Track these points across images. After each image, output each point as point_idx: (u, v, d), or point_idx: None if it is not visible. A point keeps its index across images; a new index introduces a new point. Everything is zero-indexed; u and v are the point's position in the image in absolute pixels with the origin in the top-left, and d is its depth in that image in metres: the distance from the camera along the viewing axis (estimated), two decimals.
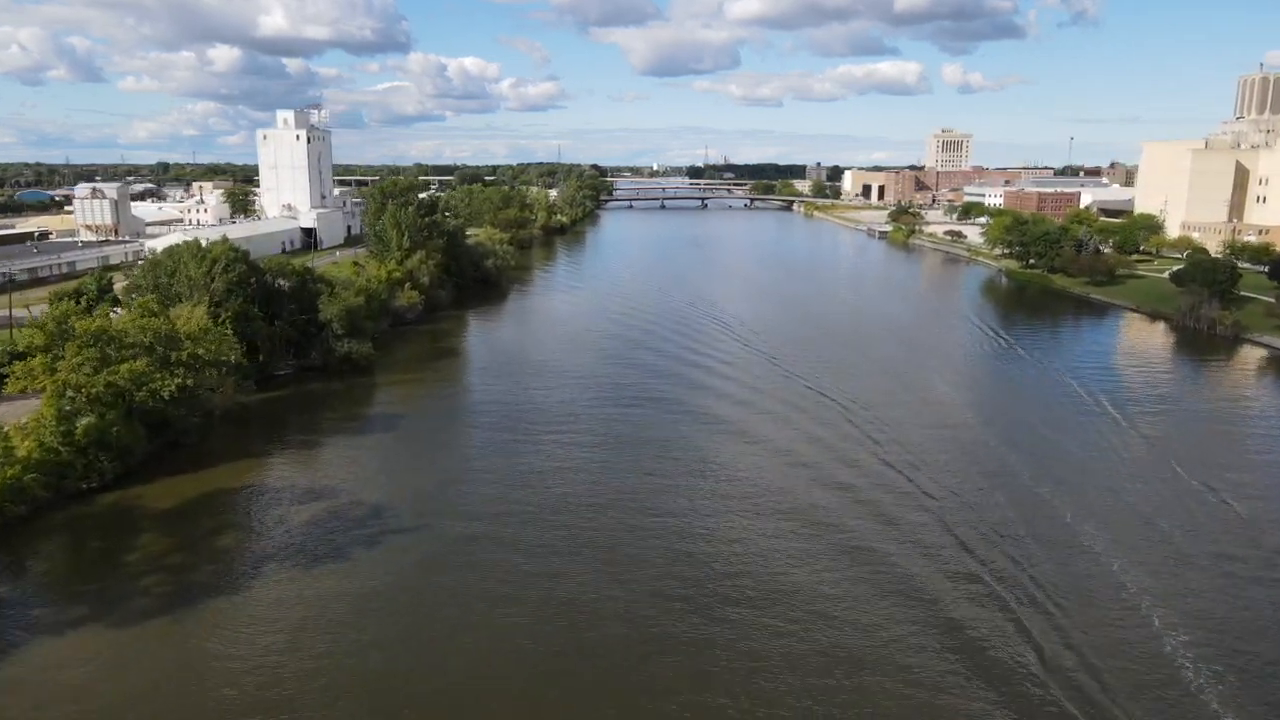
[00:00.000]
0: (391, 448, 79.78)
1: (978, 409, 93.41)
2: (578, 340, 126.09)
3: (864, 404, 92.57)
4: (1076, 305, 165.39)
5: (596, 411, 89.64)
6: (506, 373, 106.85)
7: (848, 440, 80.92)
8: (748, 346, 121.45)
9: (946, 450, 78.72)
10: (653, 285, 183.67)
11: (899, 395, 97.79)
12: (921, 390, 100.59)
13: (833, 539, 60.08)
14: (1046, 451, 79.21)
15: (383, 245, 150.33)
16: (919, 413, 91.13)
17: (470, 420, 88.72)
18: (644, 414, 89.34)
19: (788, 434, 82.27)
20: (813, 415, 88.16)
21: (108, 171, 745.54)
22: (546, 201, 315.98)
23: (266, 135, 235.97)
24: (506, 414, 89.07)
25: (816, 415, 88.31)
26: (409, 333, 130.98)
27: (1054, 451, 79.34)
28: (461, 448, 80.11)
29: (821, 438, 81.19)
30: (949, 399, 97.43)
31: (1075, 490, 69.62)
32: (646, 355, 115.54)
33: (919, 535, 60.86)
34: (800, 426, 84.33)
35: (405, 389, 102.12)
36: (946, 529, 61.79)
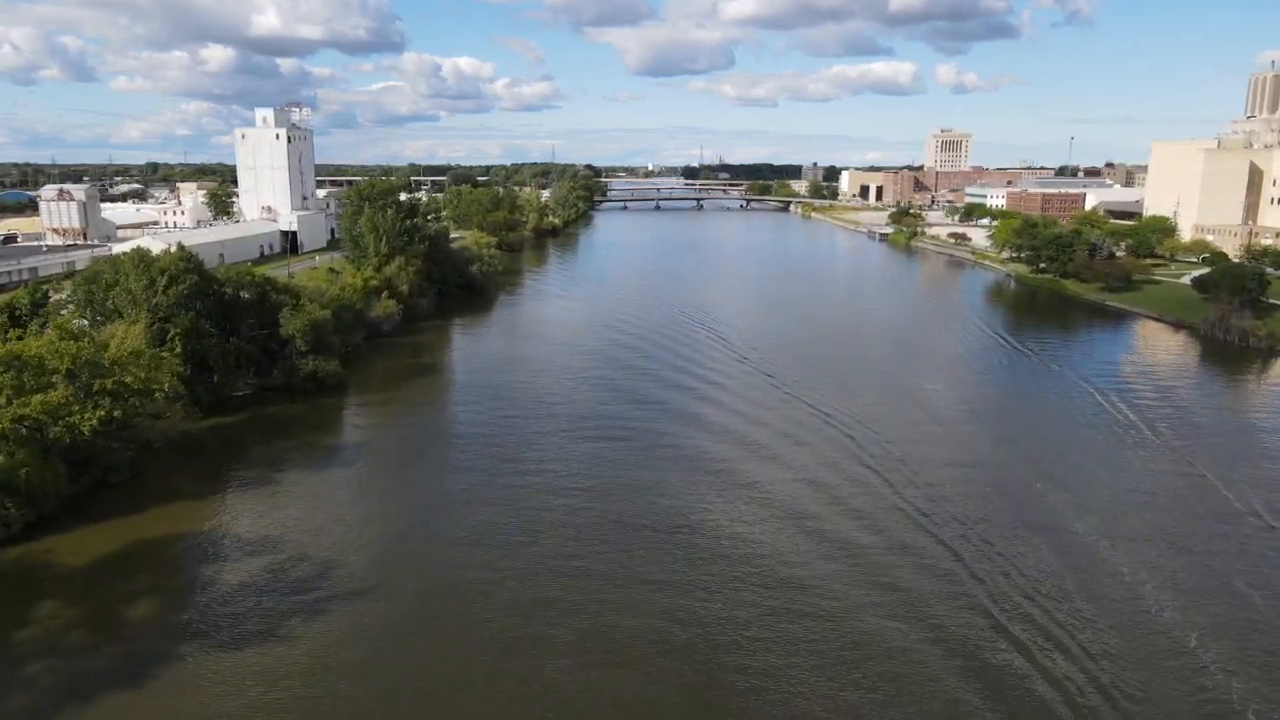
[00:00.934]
0: (352, 485, 70.86)
1: (1002, 435, 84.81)
2: (564, 356, 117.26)
3: (874, 431, 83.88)
4: (1092, 313, 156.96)
5: (581, 448, 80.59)
6: (486, 395, 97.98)
7: (856, 483, 71.76)
8: (745, 362, 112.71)
9: (972, 488, 70.08)
10: (647, 292, 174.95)
11: (912, 418, 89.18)
12: (936, 411, 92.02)
13: (845, 626, 50.86)
14: (1087, 486, 70.63)
15: (360, 251, 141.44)
16: (935, 440, 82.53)
17: (442, 455, 79.78)
18: (632, 451, 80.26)
19: (787, 477, 72.79)
20: (816, 449, 79.01)
21: (96, 171, 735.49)
22: (538, 203, 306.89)
23: (245, 135, 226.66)
24: (483, 448, 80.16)
25: (821, 449, 79.22)
26: (385, 346, 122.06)
27: (1095, 486, 70.76)
28: (431, 489, 71.13)
29: (826, 482, 71.69)
30: (969, 423, 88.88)
31: (1127, 536, 61.10)
32: (637, 376, 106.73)
33: (949, 615, 52.15)
34: (802, 465, 74.89)
35: (374, 413, 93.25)
36: (980, 599, 53.06)
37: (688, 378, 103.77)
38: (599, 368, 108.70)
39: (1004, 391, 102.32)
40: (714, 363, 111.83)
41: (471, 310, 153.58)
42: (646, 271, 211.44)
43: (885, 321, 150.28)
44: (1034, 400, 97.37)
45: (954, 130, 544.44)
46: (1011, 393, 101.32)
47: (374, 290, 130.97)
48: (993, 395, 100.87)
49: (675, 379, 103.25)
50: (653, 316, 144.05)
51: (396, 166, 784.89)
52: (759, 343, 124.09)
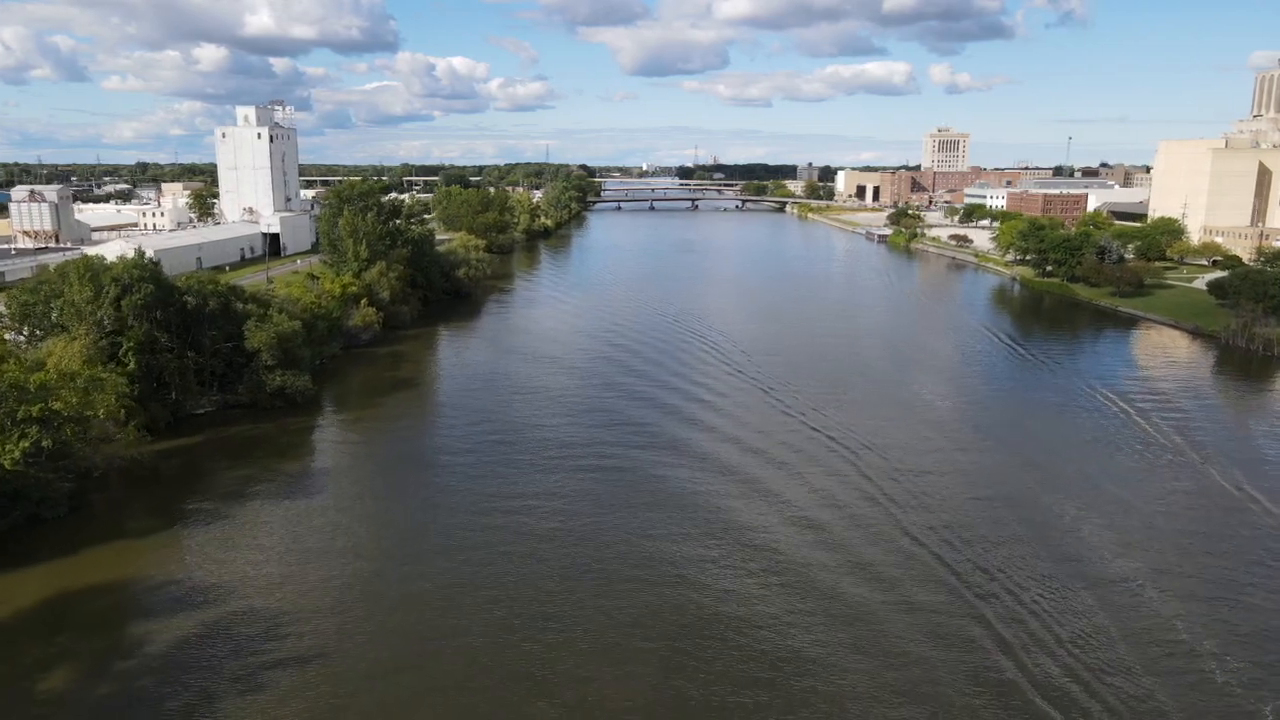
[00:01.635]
0: (316, 524, 63.99)
1: (1025, 460, 78.33)
2: (552, 370, 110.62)
3: (883, 456, 77.45)
4: (1104, 319, 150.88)
5: (568, 482, 73.83)
6: (468, 415, 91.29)
7: (864, 523, 65.17)
8: (741, 374, 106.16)
9: (997, 526, 63.61)
10: (640, 298, 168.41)
11: (924, 440, 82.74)
12: (950, 431, 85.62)
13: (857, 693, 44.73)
14: (1126, 520, 64.21)
15: (338, 256, 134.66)
16: (951, 466, 76.08)
17: (418, 486, 73.01)
18: (622, 486, 73.52)
19: (786, 518, 66.07)
20: (819, 482, 71.99)
21: (85, 171, 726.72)
22: (529, 204, 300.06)
23: (225, 134, 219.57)
24: (463, 479, 73.51)
25: (824, 481, 72.32)
26: (363, 357, 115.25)
27: (1135, 519, 64.37)
28: (404, 529, 64.31)
29: (829, 523, 64.89)
30: (987, 445, 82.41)
31: (1179, 579, 54.73)
32: (628, 394, 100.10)
33: (983, 706, 45.70)
34: (803, 502, 67.86)
35: (346, 434, 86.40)
36: (1016, 679, 46.60)
37: (681, 396, 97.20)
38: (588, 384, 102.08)
39: (1022, 407, 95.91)
40: (708, 377, 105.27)
41: (457, 317, 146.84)
42: (640, 276, 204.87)
43: (888, 329, 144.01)
44: (1055, 417, 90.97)
45: (951, 130, 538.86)
46: (1030, 408, 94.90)
47: (353, 297, 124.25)
48: (1010, 411, 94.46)
49: (668, 397, 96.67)
50: (645, 325, 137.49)
51: (389, 166, 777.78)
52: (756, 354, 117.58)
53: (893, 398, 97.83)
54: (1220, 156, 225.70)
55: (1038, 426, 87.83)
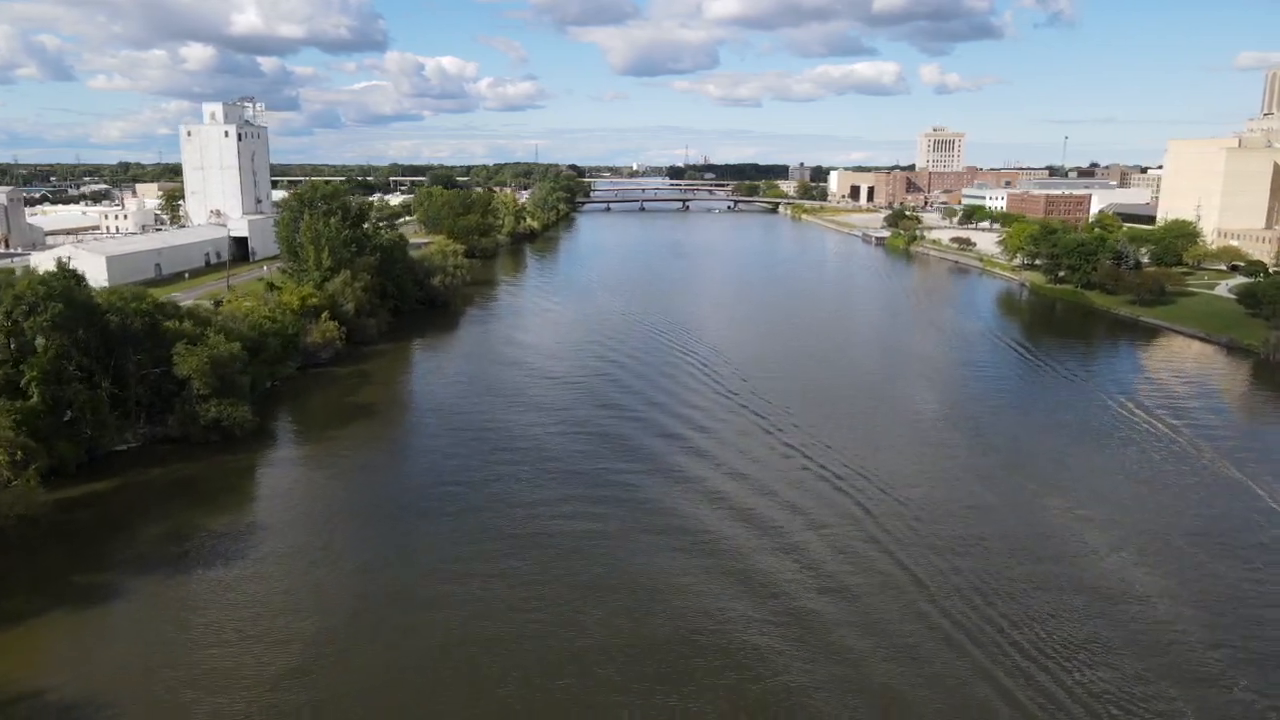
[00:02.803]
0: (247, 589, 53.21)
1: (1066, 502, 67.86)
2: (530, 394, 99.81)
3: (897, 499, 67.00)
4: (1123, 330, 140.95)
5: (548, 535, 63.34)
6: (433, 449, 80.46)
7: (876, 584, 55.07)
8: (733, 399, 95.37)
9: (1042, 596, 53.25)
10: (627, 308, 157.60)
11: (943, 478, 72.33)
12: (974, 465, 75.18)
13: None
14: (1202, 581, 53.95)
15: (299, 264, 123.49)
16: (980, 512, 65.63)
17: (370, 543, 62.17)
18: (603, 542, 63.16)
19: (785, 581, 56.03)
20: (822, 534, 61.62)
21: (66, 171, 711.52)
22: (514, 205, 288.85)
23: (191, 132, 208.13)
24: (422, 535, 62.86)
25: (827, 532, 61.88)
26: (323, 378, 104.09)
27: (1210, 578, 54.12)
28: (345, 612, 53.63)
29: (837, 588, 55.13)
30: (1018, 484, 71.79)
31: None
32: (613, 422, 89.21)
33: None
34: (804, 561, 57.40)
35: (293, 472, 75.36)
36: None
37: (670, 420, 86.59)
38: (569, 411, 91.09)
39: (1054, 434, 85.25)
40: (700, 399, 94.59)
41: (431, 330, 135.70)
42: (628, 282, 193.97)
43: (893, 343, 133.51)
44: (1092, 446, 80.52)
45: (946, 129, 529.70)
46: (1064, 436, 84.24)
47: (313, 311, 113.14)
48: (1041, 440, 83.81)
49: (656, 425, 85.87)
50: (633, 340, 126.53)
51: (376, 166, 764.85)
52: (750, 372, 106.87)
53: (904, 423, 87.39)
54: (1235, 156, 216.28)
55: (1072, 454, 77.34)
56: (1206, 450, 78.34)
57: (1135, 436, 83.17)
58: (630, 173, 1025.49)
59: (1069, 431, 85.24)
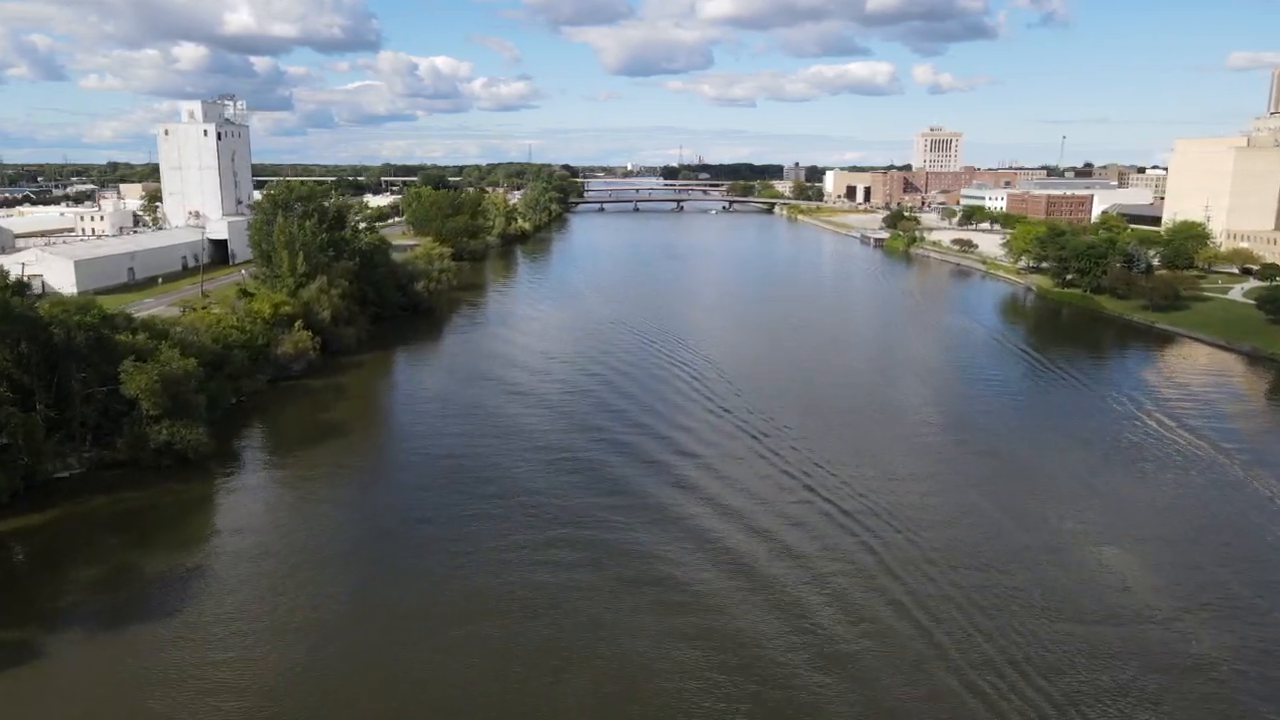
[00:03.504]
0: (170, 658, 46.71)
1: (1100, 535, 61.74)
2: (514, 411, 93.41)
3: (916, 540, 60.82)
4: (1137, 336, 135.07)
5: (528, 585, 57.28)
6: (407, 476, 74.11)
7: (895, 654, 48.91)
8: (728, 416, 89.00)
9: (1090, 657, 47.05)
10: (619, 315, 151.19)
11: (968, 513, 66.09)
12: (998, 495, 68.90)
13: None
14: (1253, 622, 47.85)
15: (272, 270, 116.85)
16: (1003, 548, 59.44)
17: (343, 578, 55.79)
18: (574, 588, 57.06)
19: (785, 648, 50.03)
20: (829, 586, 55.50)
21: (54, 171, 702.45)
22: (504, 206, 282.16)
23: (168, 130, 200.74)
24: (380, 580, 56.49)
25: (836, 583, 55.76)
26: (294, 392, 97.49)
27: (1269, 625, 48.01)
28: (324, 655, 47.20)
29: (846, 656, 49.10)
30: (1044, 510, 65.63)
31: None
32: (596, 441, 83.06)
33: None
34: (810, 621, 51.60)
35: (252, 500, 68.72)
36: None
37: (660, 445, 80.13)
38: (552, 435, 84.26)
39: (1078, 453, 78.73)
40: (692, 419, 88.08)
41: (413, 339, 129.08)
42: (620, 287, 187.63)
43: (897, 352, 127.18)
44: (1122, 468, 74.30)
45: (943, 129, 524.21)
46: (1090, 456, 77.78)
47: (286, 319, 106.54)
48: (1065, 461, 77.33)
49: (645, 452, 79.30)
50: (624, 351, 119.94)
51: (368, 166, 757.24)
52: (746, 386, 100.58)
53: (914, 444, 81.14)
54: (1243, 156, 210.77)
55: (1101, 477, 71.10)
56: (1260, 475, 72.21)
57: (1172, 458, 76.92)
58: (624, 173, 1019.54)
59: (1095, 450, 78.95)
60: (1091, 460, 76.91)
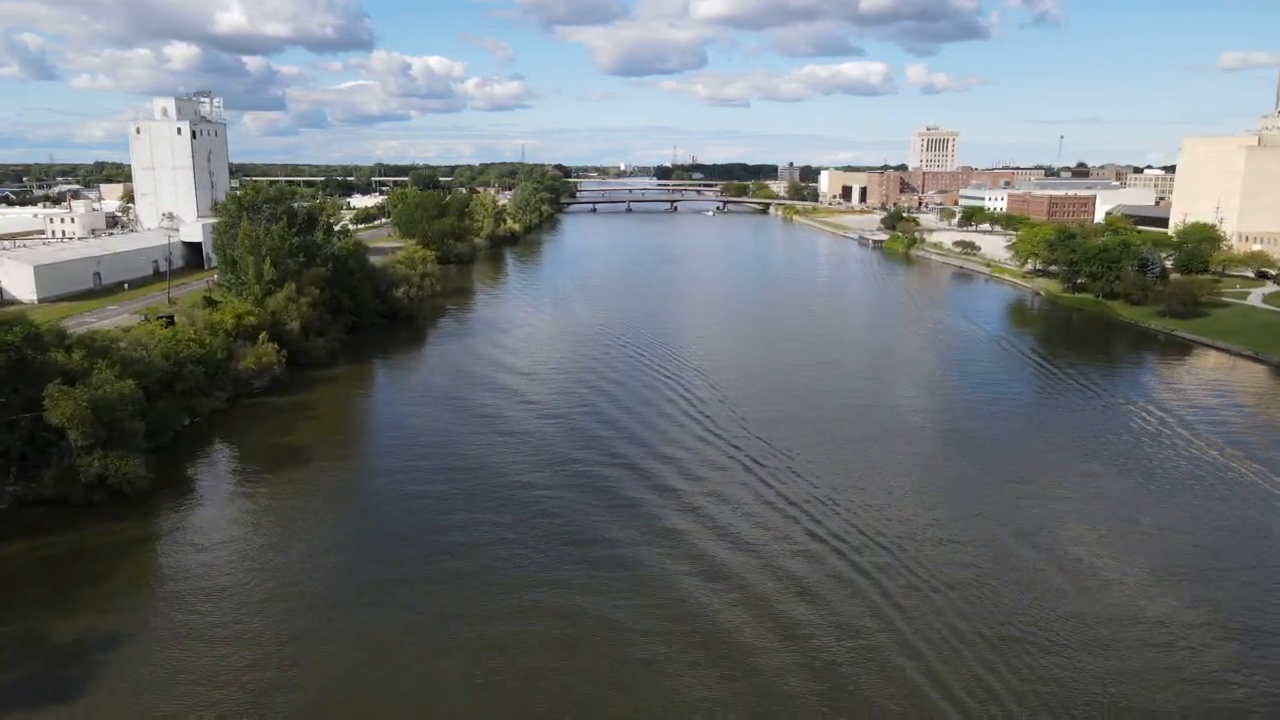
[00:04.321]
0: None
1: (1150, 583, 54.58)
2: (486, 434, 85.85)
3: (937, 592, 53.52)
4: (1158, 346, 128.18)
5: (475, 642, 49.81)
6: (361, 523, 66.53)
7: None
8: (723, 439, 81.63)
9: None
10: (609, 322, 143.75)
11: (989, 554, 58.83)
12: (1023, 531, 61.63)
13: None
14: None
15: (237, 277, 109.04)
16: (1038, 598, 52.17)
17: (261, 652, 48.17)
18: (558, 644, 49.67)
19: None
20: (837, 665, 48.58)
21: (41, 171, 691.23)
22: (493, 207, 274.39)
23: (140, 128, 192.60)
24: (328, 659, 48.89)
25: (846, 662, 48.81)
26: (256, 410, 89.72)
27: None
28: None
29: None
30: (1081, 550, 58.38)
31: None
32: (579, 475, 75.62)
33: None
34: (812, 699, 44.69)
35: (177, 553, 60.21)
36: None
37: (649, 478, 72.59)
38: (530, 468, 76.43)
39: (1112, 480, 71.49)
40: (685, 444, 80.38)
41: (391, 350, 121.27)
42: (610, 293, 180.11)
43: (904, 364, 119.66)
44: (1163, 496, 67.11)
45: (940, 128, 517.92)
46: (1127, 484, 70.55)
47: (250, 331, 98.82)
48: (1100, 489, 70.01)
49: (632, 487, 71.90)
50: (612, 366, 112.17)
51: (359, 166, 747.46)
52: (743, 403, 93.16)
53: (929, 471, 73.83)
54: (1255, 155, 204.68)
55: (1144, 508, 63.87)
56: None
57: (1215, 488, 69.69)
58: (618, 173, 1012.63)
59: (1131, 479, 71.65)
60: (1128, 489, 69.65)
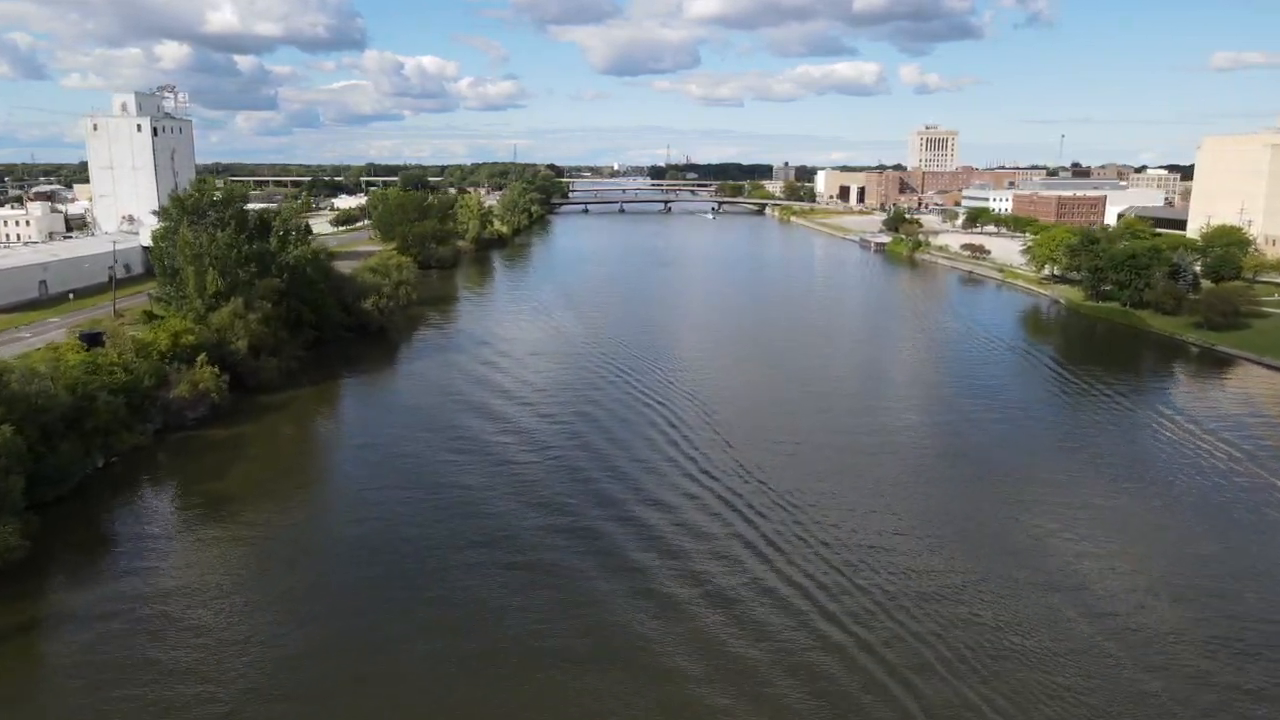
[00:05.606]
0: None
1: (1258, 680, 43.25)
2: (447, 479, 74.18)
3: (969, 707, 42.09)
4: (1198, 362, 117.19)
5: None
6: (290, 607, 54.85)
7: None
8: (718, 485, 70.16)
9: None
10: (596, 336, 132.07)
11: (1053, 625, 47.49)
12: (1088, 610, 50.29)
13: None
14: None
15: (177, 290, 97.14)
16: None
17: None
18: None
19: None
20: None
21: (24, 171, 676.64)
22: (479, 209, 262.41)
23: (97, 125, 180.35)
24: None
25: None
26: (185, 447, 77.65)
27: None
28: None
29: None
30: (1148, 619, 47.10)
31: None
32: (551, 531, 64.15)
33: None
34: None
35: (93, 634, 49.00)
36: None
37: (628, 536, 60.97)
38: (495, 518, 65.30)
39: (1198, 539, 60.44)
40: (672, 491, 68.82)
41: (354, 369, 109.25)
42: (599, 301, 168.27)
43: (923, 387, 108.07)
44: (1259, 561, 55.91)
45: (939, 127, 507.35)
46: (1219, 543, 59.46)
47: (190, 351, 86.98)
48: (1188, 557, 58.96)
49: (617, 538, 60.39)
50: (595, 391, 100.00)
51: (348, 166, 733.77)
52: (740, 438, 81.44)
53: (960, 528, 62.39)
54: None
55: (1218, 561, 52.64)
56: None
57: None
58: (611, 173, 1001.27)
59: (1203, 524, 60.37)
60: (1197, 535, 58.34)
